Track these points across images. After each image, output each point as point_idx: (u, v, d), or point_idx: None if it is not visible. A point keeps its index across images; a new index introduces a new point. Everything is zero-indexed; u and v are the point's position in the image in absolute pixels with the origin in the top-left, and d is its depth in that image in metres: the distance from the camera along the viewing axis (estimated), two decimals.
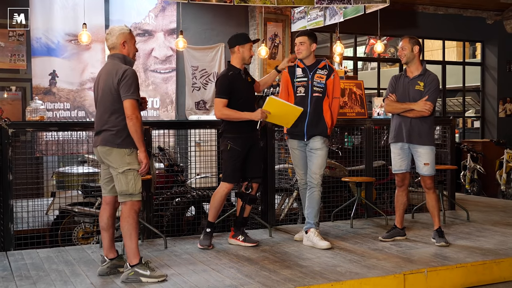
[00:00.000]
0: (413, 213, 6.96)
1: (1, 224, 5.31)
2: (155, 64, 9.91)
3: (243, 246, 5.42)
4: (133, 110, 4.19)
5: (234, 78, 5.31)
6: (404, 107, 5.46)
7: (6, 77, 9.01)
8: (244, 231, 5.57)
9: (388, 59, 17.96)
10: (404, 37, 5.58)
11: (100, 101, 4.34)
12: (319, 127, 5.47)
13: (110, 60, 4.41)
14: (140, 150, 4.27)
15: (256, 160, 5.47)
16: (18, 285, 4.21)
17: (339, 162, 7.34)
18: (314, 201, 5.47)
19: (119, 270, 4.46)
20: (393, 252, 5.17)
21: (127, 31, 4.41)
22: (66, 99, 9.24)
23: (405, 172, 5.60)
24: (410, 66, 5.52)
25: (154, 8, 9.90)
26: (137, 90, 4.25)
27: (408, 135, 5.48)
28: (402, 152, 5.56)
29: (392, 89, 5.60)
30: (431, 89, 5.39)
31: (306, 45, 5.51)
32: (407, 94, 5.48)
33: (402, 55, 5.51)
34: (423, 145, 5.45)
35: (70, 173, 6.93)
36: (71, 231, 6.20)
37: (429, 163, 5.44)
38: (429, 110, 5.35)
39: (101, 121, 4.33)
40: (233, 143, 5.29)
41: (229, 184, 5.33)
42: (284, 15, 10.49)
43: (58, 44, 9.17)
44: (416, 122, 5.44)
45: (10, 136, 5.33)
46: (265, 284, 4.17)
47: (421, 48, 5.57)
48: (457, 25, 12.91)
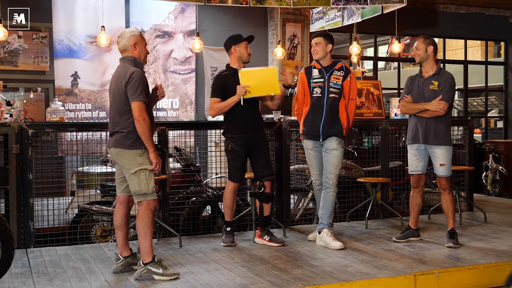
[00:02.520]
0: (429, 214, 6.95)
1: (21, 222, 5.45)
2: (174, 65, 10.02)
3: (260, 245, 5.48)
4: (140, 112, 4.27)
5: (227, 78, 5.42)
6: (418, 107, 5.45)
7: (30, 78, 9.20)
8: (269, 230, 5.62)
9: (409, 59, 17.81)
10: (419, 37, 5.57)
11: (112, 103, 4.45)
12: (335, 128, 5.50)
13: (121, 63, 4.51)
14: (150, 151, 4.35)
15: (263, 159, 5.51)
16: (35, 282, 4.33)
17: (357, 162, 7.35)
18: (329, 202, 5.50)
19: (133, 268, 4.56)
20: (406, 253, 5.18)
21: (138, 34, 4.50)
22: (87, 100, 9.40)
23: (421, 173, 5.59)
24: (424, 66, 5.52)
25: (173, 10, 10.01)
26: (144, 92, 4.32)
27: (424, 136, 5.47)
28: (419, 153, 5.55)
29: (407, 90, 5.59)
30: (445, 88, 5.36)
31: (322, 46, 5.54)
32: (422, 94, 5.47)
33: (416, 55, 5.51)
34: (439, 145, 5.43)
35: (89, 173, 7.06)
36: (90, 229, 6.32)
37: (445, 163, 5.42)
38: (443, 109, 5.33)
39: (113, 123, 4.43)
40: (234, 143, 5.40)
41: (233, 182, 5.46)
42: (303, 16, 10.51)
43: (79, 46, 9.33)
44: (432, 122, 5.42)
45: (30, 136, 5.47)
46: (275, 283, 4.22)
47: (436, 48, 5.54)
48: (479, 24, 12.77)
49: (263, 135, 5.60)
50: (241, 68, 5.46)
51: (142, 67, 4.47)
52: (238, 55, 5.44)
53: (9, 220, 5.38)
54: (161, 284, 4.27)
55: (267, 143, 5.68)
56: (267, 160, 5.58)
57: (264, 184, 5.49)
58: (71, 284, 4.27)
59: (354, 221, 6.69)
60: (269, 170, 5.56)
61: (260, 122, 5.58)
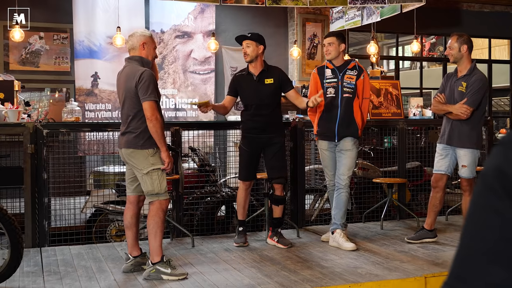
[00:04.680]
0: (447, 215, 6.85)
1: (36, 221, 5.52)
2: (194, 66, 10.05)
3: (271, 246, 5.47)
4: (152, 111, 4.29)
5: (241, 78, 5.49)
6: (444, 108, 5.35)
7: (51, 79, 9.32)
8: (278, 231, 5.59)
9: (434, 58, 17.61)
10: (453, 34, 5.37)
11: (123, 104, 4.47)
12: (350, 128, 5.45)
13: (127, 63, 4.51)
14: (162, 150, 4.37)
15: (273, 162, 5.45)
16: (45, 280, 4.38)
17: (374, 163, 7.28)
18: (341, 203, 5.44)
19: (142, 267, 4.57)
20: (419, 254, 5.11)
21: (148, 35, 4.52)
22: (107, 100, 9.48)
23: (441, 173, 5.46)
24: (459, 65, 5.36)
25: (193, 10, 10.04)
26: (154, 91, 4.34)
27: (448, 137, 5.38)
28: (444, 153, 5.44)
29: (442, 89, 5.48)
30: (472, 91, 5.20)
31: (335, 46, 5.50)
32: (453, 95, 5.35)
33: (449, 54, 5.35)
34: (463, 147, 5.32)
35: (105, 172, 7.13)
36: (105, 228, 6.38)
37: (467, 165, 5.30)
38: (465, 113, 5.18)
39: (125, 124, 4.46)
40: (241, 142, 5.53)
41: (242, 181, 5.51)
42: (323, 15, 10.46)
43: (99, 47, 9.42)
44: (457, 124, 5.31)
45: (44, 136, 5.54)
46: (283, 284, 4.20)
47: (471, 46, 5.34)
48: (504, 23, 12.55)
49: (276, 137, 5.46)
50: (254, 68, 5.45)
51: (149, 67, 4.48)
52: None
53: (24, 219, 5.45)
54: (169, 284, 4.28)
55: (281, 146, 5.55)
56: (279, 163, 5.47)
57: (274, 186, 5.47)
58: (80, 283, 4.30)
59: (370, 222, 6.63)
60: (279, 173, 5.46)
61: (274, 125, 5.47)
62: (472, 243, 0.79)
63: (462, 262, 0.80)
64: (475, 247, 0.78)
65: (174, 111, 9.85)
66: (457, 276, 0.79)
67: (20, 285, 4.26)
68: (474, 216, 0.80)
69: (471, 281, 0.77)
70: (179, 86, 9.93)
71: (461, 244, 0.81)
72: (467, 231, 0.81)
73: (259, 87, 5.42)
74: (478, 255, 0.77)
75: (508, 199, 0.75)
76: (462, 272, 0.79)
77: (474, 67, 5.34)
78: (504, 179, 0.76)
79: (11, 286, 4.21)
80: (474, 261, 0.77)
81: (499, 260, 0.75)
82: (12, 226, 4.01)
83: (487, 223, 0.77)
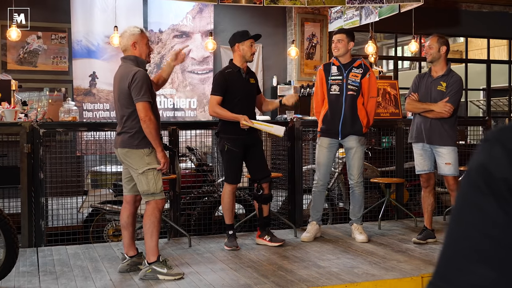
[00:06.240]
0: (444, 215, 6.84)
1: (32, 221, 5.50)
2: (192, 65, 10.03)
3: (268, 246, 5.44)
4: (145, 112, 4.27)
5: (231, 76, 5.28)
6: (424, 107, 5.38)
7: (49, 78, 9.30)
8: (269, 230, 5.59)
9: None
10: (433, 35, 5.48)
11: (117, 104, 4.46)
12: (354, 126, 5.50)
13: (122, 63, 4.50)
14: (157, 151, 4.36)
15: (258, 162, 5.43)
16: (41, 280, 4.37)
17: (372, 162, 7.28)
18: (355, 199, 5.71)
19: (139, 267, 4.56)
20: (416, 254, 5.10)
21: (138, 32, 4.48)
22: (105, 99, 9.47)
23: (429, 172, 5.54)
24: (435, 66, 5.43)
25: (191, 10, 10.02)
26: (148, 91, 4.32)
27: (428, 136, 5.41)
28: (424, 153, 5.50)
29: (415, 88, 5.52)
30: (453, 90, 5.29)
31: (344, 43, 5.53)
32: (429, 94, 5.40)
33: (428, 53, 5.42)
34: (445, 145, 5.37)
35: (103, 172, 7.11)
36: (102, 228, 6.37)
37: (451, 163, 5.35)
38: (449, 112, 5.26)
39: (120, 124, 4.45)
40: (230, 144, 5.28)
41: (230, 184, 5.36)
42: (322, 15, 10.45)
43: (98, 46, 9.40)
44: (436, 123, 5.35)
45: (41, 136, 5.53)
46: (279, 284, 4.19)
47: (448, 49, 5.45)
48: (503, 23, 12.54)
49: (257, 137, 5.55)
50: (243, 67, 5.36)
51: (144, 66, 4.47)
52: (241, 54, 5.28)
53: (21, 218, 5.44)
54: (165, 284, 4.26)
55: (261, 145, 5.63)
56: (263, 162, 5.50)
57: (262, 186, 5.44)
58: (75, 283, 4.29)
59: (367, 222, 6.61)
60: (266, 172, 5.48)
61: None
62: (456, 242, 0.77)
63: (446, 261, 0.78)
64: (459, 246, 0.77)
65: (172, 111, 9.84)
66: (442, 276, 0.78)
67: (15, 285, 4.25)
68: (458, 214, 0.79)
69: (455, 280, 0.76)
70: (177, 86, 9.92)
71: (446, 243, 0.80)
72: (452, 229, 0.80)
73: (249, 84, 5.40)
74: (462, 254, 0.76)
75: (492, 196, 0.74)
76: (446, 271, 0.78)
77: (451, 68, 5.44)
78: (487, 176, 0.75)
79: (6, 286, 4.20)
80: (458, 260, 0.76)
81: (483, 258, 0.74)
82: (7, 226, 3.99)
83: (471, 220, 0.76)
